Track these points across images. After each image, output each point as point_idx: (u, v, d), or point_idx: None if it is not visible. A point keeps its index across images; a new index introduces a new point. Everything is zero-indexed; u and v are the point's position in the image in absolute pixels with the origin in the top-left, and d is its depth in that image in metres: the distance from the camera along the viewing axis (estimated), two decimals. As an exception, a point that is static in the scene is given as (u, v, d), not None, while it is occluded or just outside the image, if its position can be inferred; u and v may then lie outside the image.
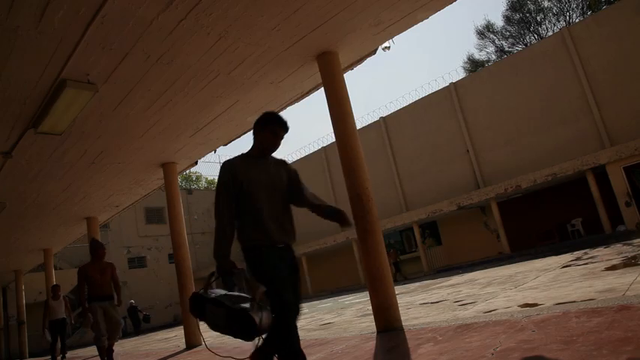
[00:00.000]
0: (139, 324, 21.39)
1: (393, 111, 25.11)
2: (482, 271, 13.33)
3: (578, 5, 30.83)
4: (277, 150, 2.83)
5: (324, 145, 27.81)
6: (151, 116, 6.27)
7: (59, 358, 10.19)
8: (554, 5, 31.50)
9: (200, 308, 2.57)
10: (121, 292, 6.29)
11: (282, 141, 2.80)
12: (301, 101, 6.82)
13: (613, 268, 6.55)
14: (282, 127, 2.75)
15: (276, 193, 2.70)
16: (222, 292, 2.60)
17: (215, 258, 2.52)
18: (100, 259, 6.11)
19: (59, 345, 10.10)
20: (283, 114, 3.14)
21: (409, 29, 5.53)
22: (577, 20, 28.65)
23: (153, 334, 18.66)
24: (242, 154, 2.82)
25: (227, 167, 2.65)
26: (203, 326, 2.82)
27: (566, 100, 18.63)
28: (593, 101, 18.02)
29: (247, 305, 2.40)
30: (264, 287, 2.45)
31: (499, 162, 20.69)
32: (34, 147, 6.54)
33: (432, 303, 7.40)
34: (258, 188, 2.63)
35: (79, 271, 6.03)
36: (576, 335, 2.59)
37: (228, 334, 2.46)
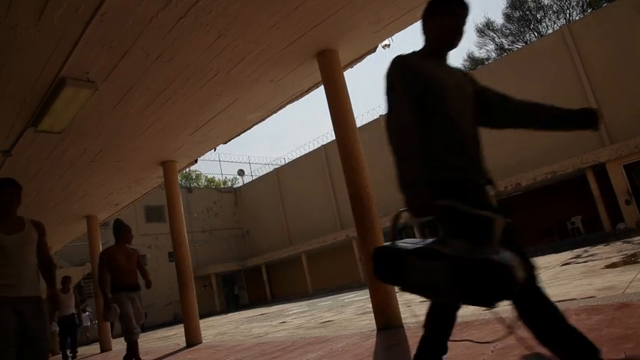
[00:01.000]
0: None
1: (392, 109, 25.06)
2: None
3: (578, 3, 30.81)
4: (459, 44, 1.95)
5: (324, 143, 27.80)
6: (150, 114, 6.27)
7: (70, 357, 9.73)
8: (554, 3, 31.47)
9: (393, 268, 1.69)
10: (148, 279, 5.51)
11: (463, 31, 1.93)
12: (301, 99, 6.82)
13: (613, 265, 6.55)
14: (461, 6, 1.89)
15: (468, 107, 1.91)
16: (415, 240, 1.75)
17: (402, 190, 1.67)
18: (126, 243, 5.39)
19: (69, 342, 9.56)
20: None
21: (409, 27, 5.53)
22: (577, 18, 28.63)
23: (152, 332, 18.67)
24: (413, 52, 1.97)
25: (402, 62, 1.82)
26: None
27: (566, 98, 18.58)
28: (593, 99, 18.01)
29: (484, 253, 1.49)
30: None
31: (499, 160, 20.68)
32: (34, 145, 6.54)
33: (431, 301, 7.39)
34: (451, 95, 1.84)
35: (101, 255, 5.25)
36: (576, 333, 2.59)
37: (452, 298, 1.69)
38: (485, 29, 34.40)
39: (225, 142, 8.08)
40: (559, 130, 1.96)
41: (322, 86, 5.69)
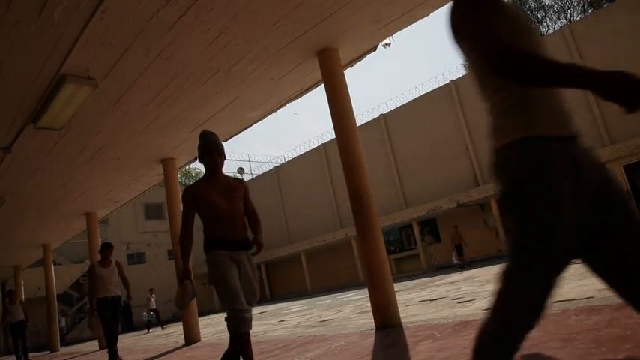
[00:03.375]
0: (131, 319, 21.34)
1: (393, 108, 25.10)
2: (481, 268, 13.35)
3: (579, 3, 30.80)
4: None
5: (324, 142, 27.79)
6: (150, 112, 6.26)
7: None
8: (555, 3, 31.48)
9: None
10: (261, 230, 3.39)
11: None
12: (301, 98, 6.81)
13: (612, 266, 6.54)
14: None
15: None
16: None
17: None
18: (217, 173, 3.26)
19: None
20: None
21: (409, 26, 5.52)
22: (578, 18, 28.62)
23: (151, 329, 18.67)
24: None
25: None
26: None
27: (566, 98, 18.60)
28: (593, 99, 18.01)
29: None
30: None
31: (499, 160, 20.68)
32: (34, 142, 6.53)
33: (430, 300, 7.41)
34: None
35: (185, 193, 3.22)
36: (575, 333, 2.60)
37: None
38: (486, 29, 34.39)
39: (225, 141, 8.07)
40: None
41: (322, 85, 5.68)
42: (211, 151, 3.22)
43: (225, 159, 3.28)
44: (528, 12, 32.44)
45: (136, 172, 8.87)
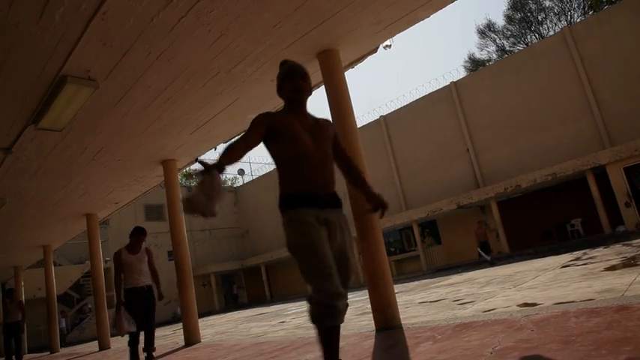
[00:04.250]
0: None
1: (393, 109, 25.11)
2: (481, 270, 13.35)
3: (579, 5, 30.82)
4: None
5: (324, 143, 27.76)
6: (151, 113, 6.27)
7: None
8: (556, 5, 31.49)
9: None
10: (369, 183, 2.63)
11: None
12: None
13: (612, 268, 6.55)
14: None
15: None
16: None
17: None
18: (302, 104, 2.42)
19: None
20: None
21: (410, 28, 5.53)
22: (578, 20, 28.63)
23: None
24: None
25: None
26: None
27: (567, 100, 18.62)
28: (593, 101, 18.02)
29: None
30: None
31: (499, 161, 20.69)
32: (35, 143, 6.54)
33: (430, 302, 7.41)
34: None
35: (261, 115, 2.29)
36: (575, 335, 2.59)
37: None
38: (487, 31, 34.42)
39: (226, 142, 8.08)
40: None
41: (323, 86, 5.68)
42: (294, 73, 2.37)
43: (311, 91, 2.43)
44: (529, 13, 32.47)
45: (136, 173, 8.88)
